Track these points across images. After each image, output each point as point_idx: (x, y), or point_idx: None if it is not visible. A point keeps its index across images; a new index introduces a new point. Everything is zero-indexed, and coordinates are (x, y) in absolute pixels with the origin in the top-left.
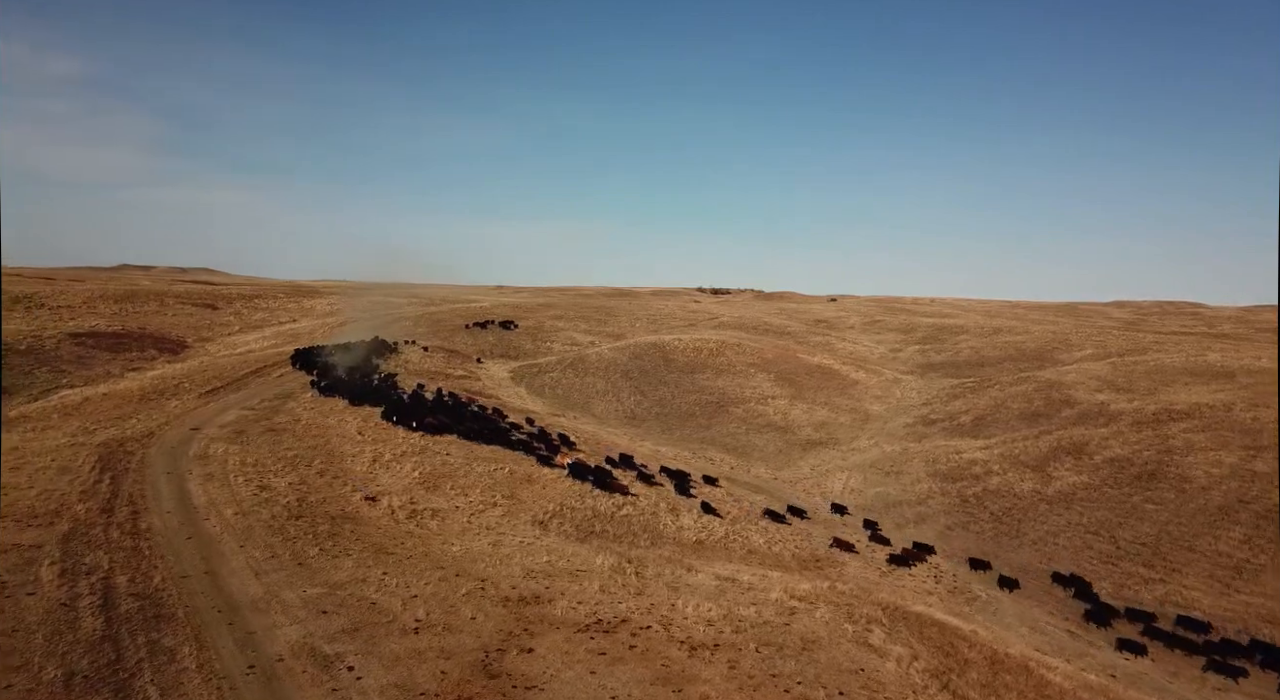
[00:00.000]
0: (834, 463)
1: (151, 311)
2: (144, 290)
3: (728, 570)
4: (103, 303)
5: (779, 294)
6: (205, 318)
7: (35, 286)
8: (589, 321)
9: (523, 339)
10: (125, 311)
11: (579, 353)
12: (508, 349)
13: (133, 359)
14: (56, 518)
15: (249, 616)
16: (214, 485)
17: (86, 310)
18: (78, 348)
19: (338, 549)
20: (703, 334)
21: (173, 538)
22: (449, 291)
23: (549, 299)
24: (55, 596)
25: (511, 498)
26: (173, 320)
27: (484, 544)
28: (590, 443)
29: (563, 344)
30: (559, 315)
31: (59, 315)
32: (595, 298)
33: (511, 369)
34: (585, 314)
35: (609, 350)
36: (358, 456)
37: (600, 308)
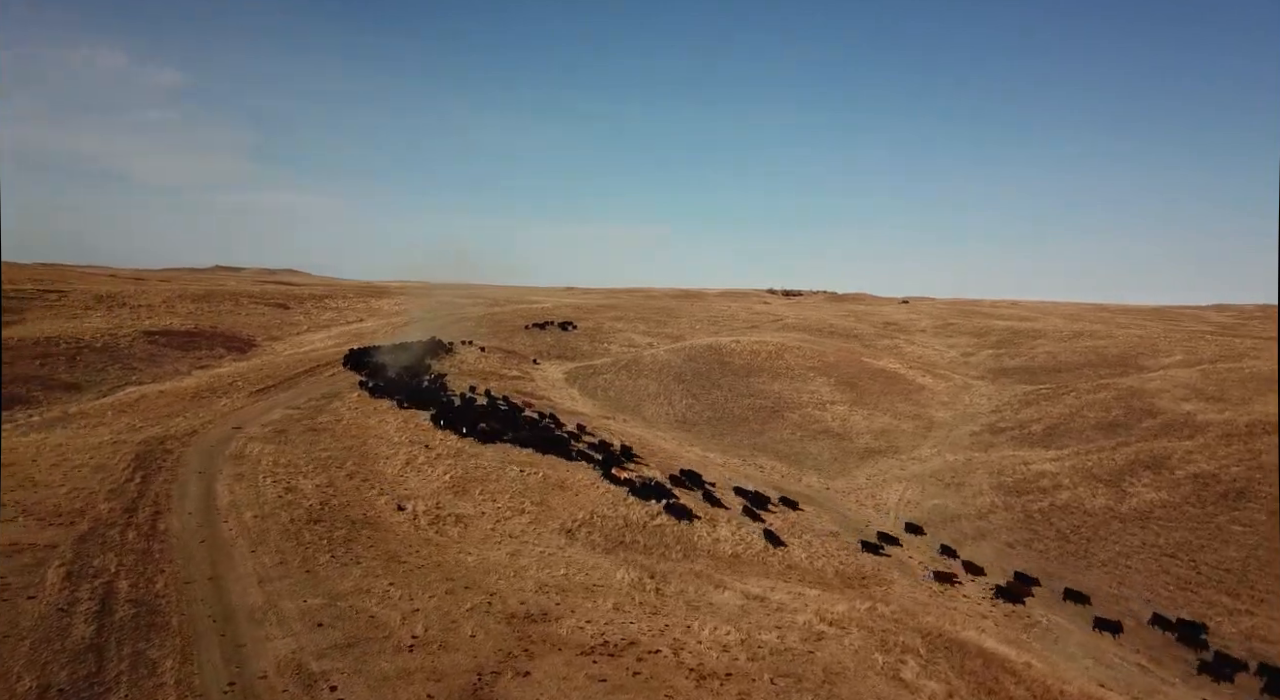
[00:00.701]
0: (892, 472)
1: (226, 311)
2: (220, 290)
3: (760, 588)
4: (180, 302)
5: (852, 296)
6: (276, 317)
7: (122, 286)
8: (648, 323)
9: (580, 340)
10: (201, 311)
11: (635, 354)
12: (565, 350)
13: (201, 357)
14: (79, 517)
15: (243, 627)
16: (241, 486)
17: (165, 309)
18: (150, 346)
19: (349, 556)
20: (763, 336)
21: (187, 540)
22: (514, 292)
23: (612, 300)
24: (54, 601)
25: (541, 504)
26: (245, 320)
27: (502, 554)
28: (650, 452)
29: (620, 345)
30: (619, 316)
31: (138, 314)
32: (661, 299)
33: (566, 370)
34: (646, 315)
35: (664, 352)
36: (391, 459)
37: (661, 309)
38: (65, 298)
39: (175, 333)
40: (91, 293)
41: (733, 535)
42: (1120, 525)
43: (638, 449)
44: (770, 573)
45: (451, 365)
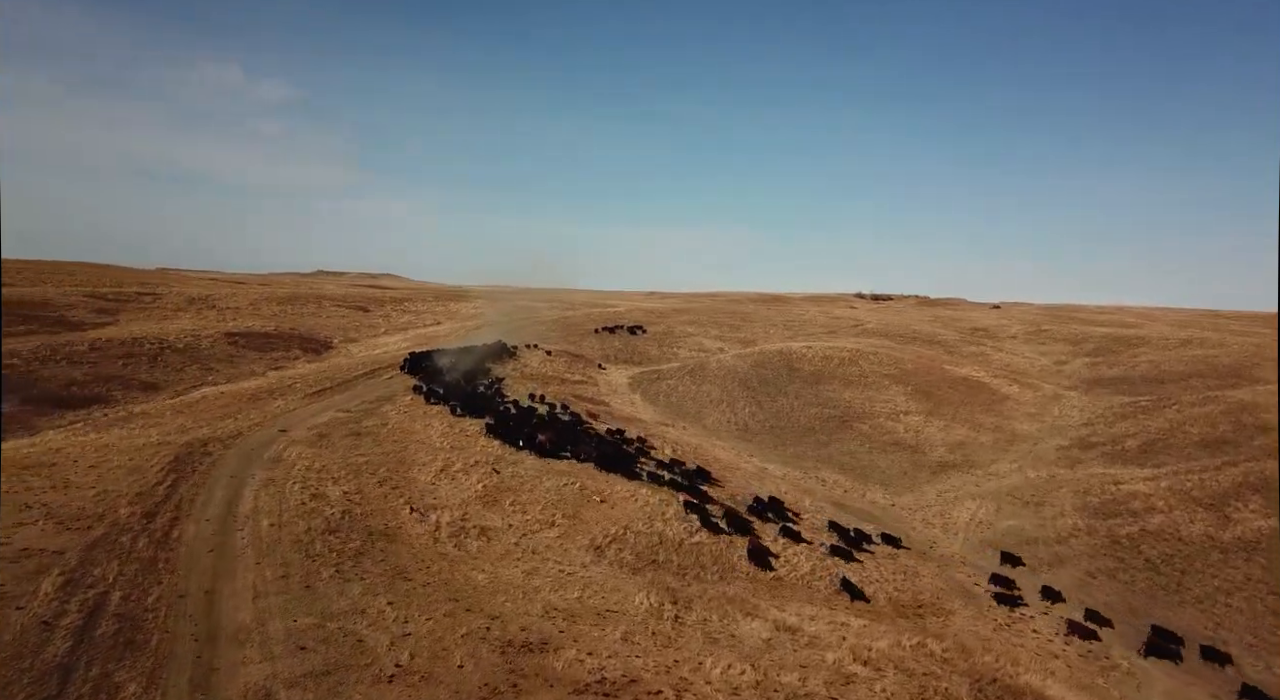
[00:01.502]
0: (965, 489)
1: (308, 313)
2: (304, 294)
3: (797, 616)
4: (266, 305)
5: (944, 301)
6: (355, 320)
7: (214, 289)
8: (721, 327)
9: (649, 344)
10: (284, 313)
11: (701, 360)
12: (632, 354)
13: (277, 358)
14: (97, 522)
15: (223, 649)
16: (268, 492)
17: (250, 311)
18: (230, 347)
19: (355, 571)
20: (840, 341)
21: (197, 549)
22: (591, 296)
23: (690, 304)
24: (41, 612)
25: (573, 517)
26: (325, 322)
27: (517, 572)
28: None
29: (689, 350)
30: (691, 320)
31: (224, 315)
32: (743, 303)
33: (632, 375)
34: (719, 319)
35: (731, 358)
36: (427, 466)
37: (736, 313)
38: (159, 300)
39: (255, 334)
40: (184, 295)
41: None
42: (1221, 556)
43: (689, 456)
44: (814, 598)
45: (514, 369)
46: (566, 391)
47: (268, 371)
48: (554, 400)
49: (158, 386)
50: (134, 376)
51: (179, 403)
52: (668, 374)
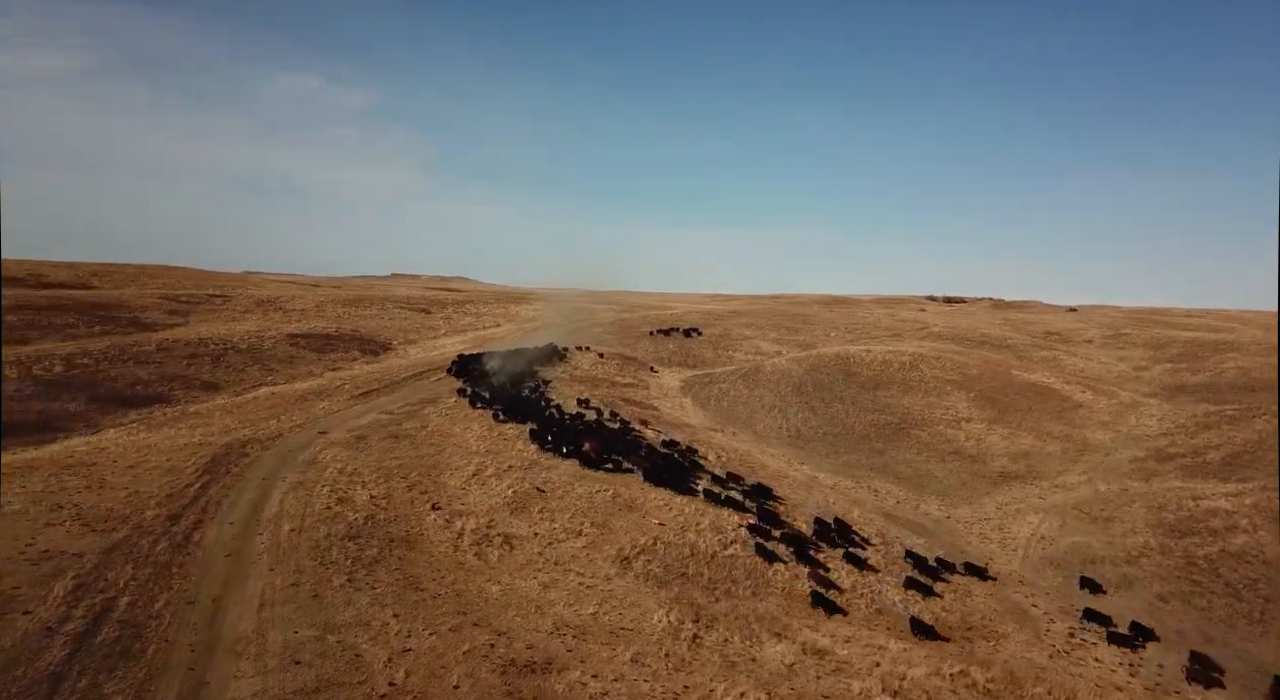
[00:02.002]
0: (1028, 501)
1: (371, 315)
2: (368, 296)
3: (829, 638)
4: (330, 307)
5: (1019, 303)
6: (416, 322)
7: (281, 291)
8: (779, 330)
9: (704, 347)
10: (347, 315)
11: (756, 363)
12: (686, 357)
13: (335, 359)
14: (122, 524)
15: (218, 661)
16: (295, 495)
17: (315, 313)
18: (291, 348)
19: (368, 580)
20: (902, 345)
21: (213, 554)
22: (649, 298)
23: (751, 306)
24: (46, 617)
25: (602, 526)
26: (386, 324)
27: (534, 584)
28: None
29: (745, 353)
30: (749, 323)
31: (289, 317)
32: (806, 306)
33: (684, 378)
34: (778, 322)
35: (786, 361)
36: (460, 470)
37: (796, 315)
38: (229, 302)
39: (316, 335)
40: (253, 297)
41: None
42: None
43: (736, 463)
44: (853, 619)
45: (564, 371)
46: (616, 394)
47: (325, 372)
48: (601, 404)
49: (218, 386)
50: (196, 376)
51: (230, 403)
52: (721, 378)
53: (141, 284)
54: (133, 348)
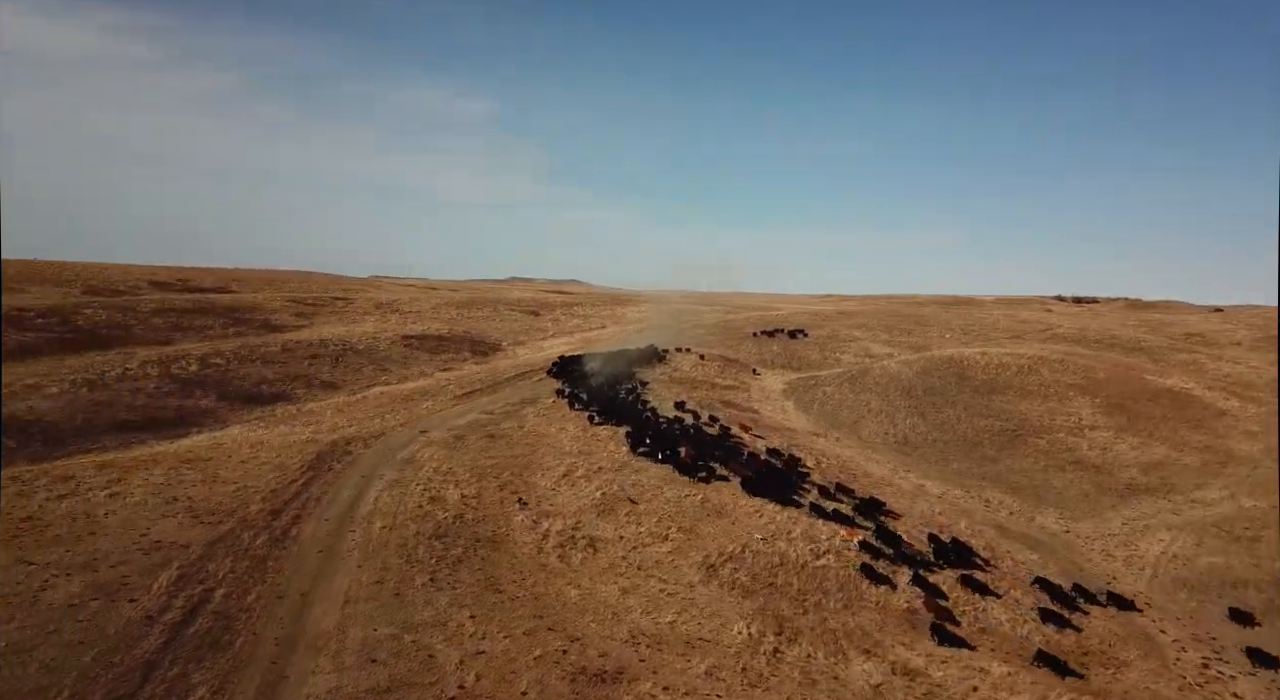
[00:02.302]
0: (1160, 517)
1: (483, 317)
2: (481, 299)
3: (923, 658)
4: (445, 309)
5: (1155, 303)
6: (525, 323)
7: (400, 294)
8: (891, 331)
9: (810, 349)
10: (461, 317)
11: (864, 366)
12: (791, 359)
13: (446, 360)
14: (228, 517)
15: (299, 656)
16: (390, 493)
17: (430, 315)
18: (406, 349)
19: (450, 580)
20: (1022, 348)
21: (307, 549)
22: (756, 300)
23: (864, 306)
24: (148, 607)
25: (689, 531)
26: (497, 325)
27: (613, 589)
28: (851, 475)
29: (853, 355)
30: (859, 324)
31: (406, 319)
32: (924, 306)
33: (788, 381)
34: (890, 323)
35: (895, 364)
36: (551, 470)
37: (909, 316)
38: (350, 305)
39: (429, 337)
40: (373, 300)
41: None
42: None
43: (836, 469)
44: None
45: (663, 373)
46: (715, 397)
47: (436, 372)
48: (699, 407)
49: (336, 385)
50: (316, 376)
51: (343, 402)
52: (825, 380)
53: (276, 288)
54: (260, 348)
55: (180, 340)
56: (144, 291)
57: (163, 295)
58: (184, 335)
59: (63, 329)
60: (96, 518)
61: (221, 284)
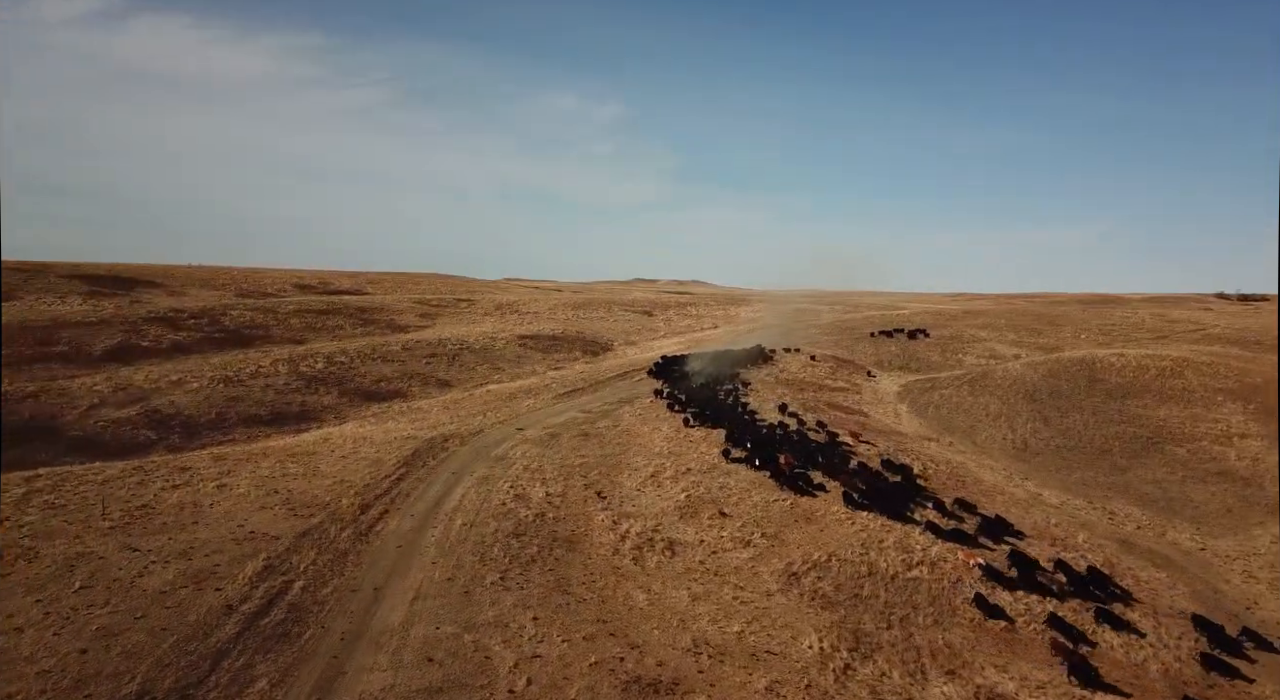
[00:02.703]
0: None
1: (597, 318)
2: (597, 299)
3: (1016, 682)
4: (562, 310)
5: None
6: (638, 323)
7: (523, 295)
8: (1020, 331)
9: (930, 349)
10: (576, 317)
11: (986, 368)
12: (909, 360)
13: (559, 359)
14: (320, 510)
15: (360, 652)
16: (477, 489)
17: (547, 316)
18: (520, 348)
19: (520, 579)
20: (1168, 349)
21: (388, 544)
22: (880, 299)
23: (991, 306)
24: (230, 595)
25: (774, 537)
26: (610, 325)
27: (683, 595)
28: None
29: (976, 356)
30: (986, 324)
31: (524, 319)
32: (1064, 305)
33: (903, 383)
34: (1020, 322)
35: (1020, 366)
36: (639, 471)
37: (1043, 316)
38: (472, 306)
39: (543, 336)
40: (494, 301)
41: (1013, 600)
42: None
43: (948, 477)
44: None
45: (769, 373)
46: (823, 399)
47: (547, 371)
48: (802, 409)
49: (450, 383)
50: (433, 374)
51: (450, 399)
52: (943, 383)
53: (407, 290)
54: (382, 347)
55: (313, 339)
56: (289, 294)
57: (302, 297)
58: (316, 335)
59: (211, 329)
60: (202, 507)
61: (358, 286)
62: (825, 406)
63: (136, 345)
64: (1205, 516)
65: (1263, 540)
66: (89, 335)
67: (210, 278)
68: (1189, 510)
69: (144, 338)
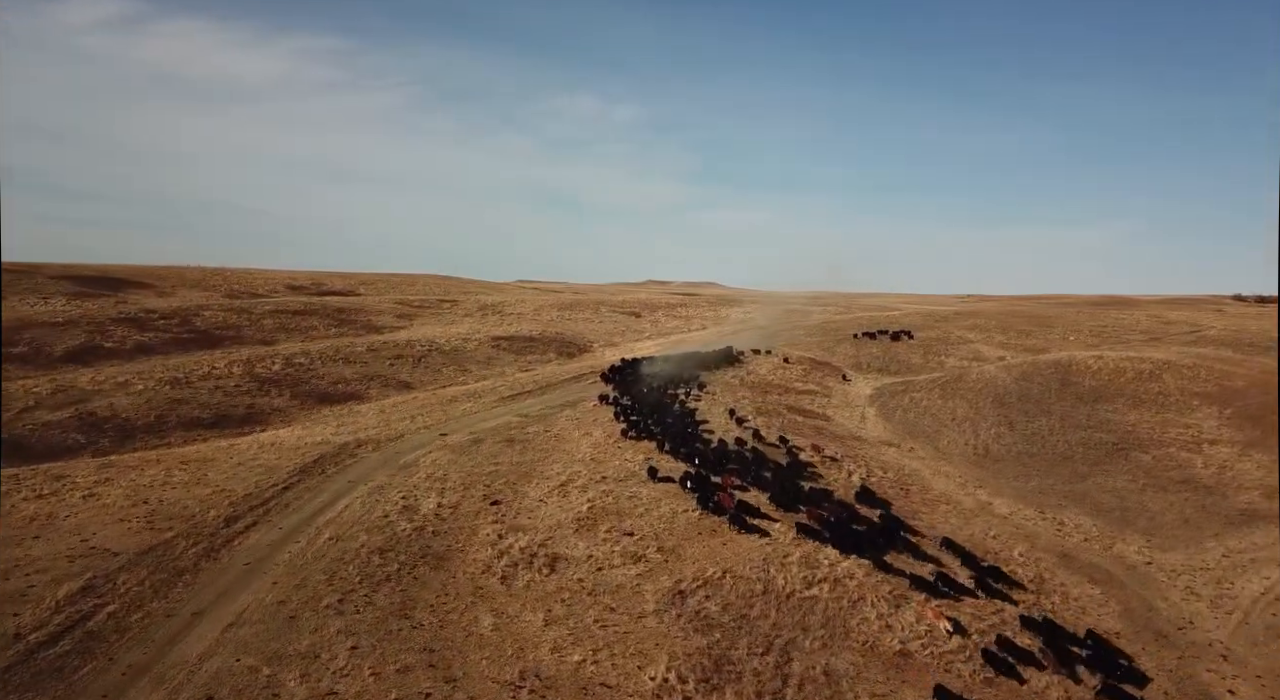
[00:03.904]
0: (1271, 550)
1: (582, 319)
2: (584, 300)
3: None
4: (547, 310)
5: None
6: (625, 325)
7: (507, 296)
8: (1009, 333)
9: (913, 351)
10: (560, 318)
11: (962, 370)
12: (889, 362)
13: (529, 361)
14: (183, 522)
15: (138, 688)
16: (365, 500)
17: (531, 317)
18: (493, 350)
19: (360, 602)
20: (1154, 351)
21: (236, 561)
22: (880, 300)
23: (988, 307)
24: (26, 622)
25: (671, 551)
26: (594, 327)
27: (539, 618)
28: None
29: (958, 359)
30: (975, 325)
31: (505, 320)
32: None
33: (877, 386)
34: (1011, 324)
35: (995, 368)
36: (550, 479)
37: (1036, 317)
38: (454, 306)
39: (520, 338)
40: (479, 302)
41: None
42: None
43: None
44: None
45: (735, 376)
46: (785, 403)
47: (516, 373)
48: (752, 415)
49: (412, 385)
50: (395, 376)
51: (394, 402)
52: (917, 386)
53: (400, 291)
54: (347, 349)
55: (284, 340)
56: (280, 294)
57: (280, 298)
58: (288, 335)
59: (181, 329)
60: (56, 519)
61: (350, 287)
62: (785, 410)
63: (99, 346)
64: (1160, 528)
65: (1214, 554)
66: (52, 336)
67: (202, 279)
68: (1144, 520)
69: (108, 339)
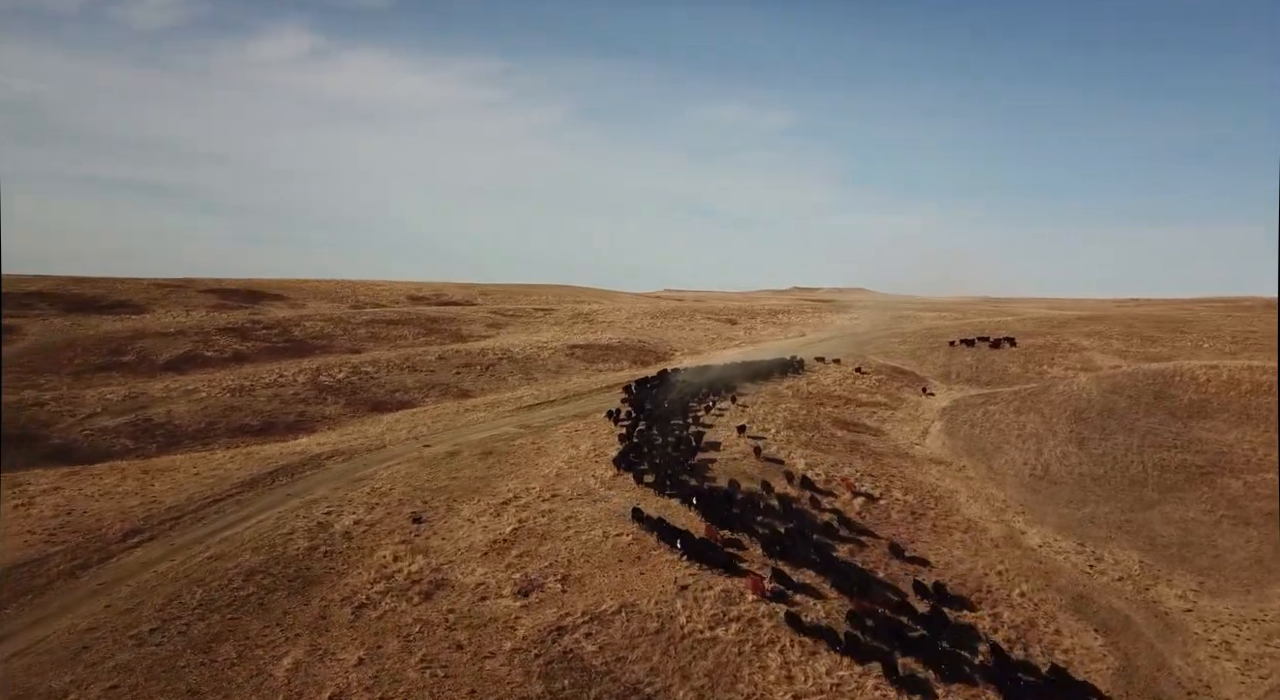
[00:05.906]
0: None
1: (672, 327)
2: (681, 307)
3: None
4: (638, 319)
5: None
6: (715, 332)
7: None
8: (1133, 339)
9: (1011, 360)
10: (648, 326)
11: (1050, 382)
12: (982, 372)
13: (602, 369)
14: (81, 536)
15: None
16: (282, 516)
17: (621, 325)
18: (566, 358)
19: (172, 633)
20: None
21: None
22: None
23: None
24: None
25: (576, 581)
26: (681, 335)
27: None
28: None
29: (1063, 368)
30: (1093, 331)
31: (592, 328)
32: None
33: (956, 399)
34: (1138, 329)
35: (1085, 379)
36: (496, 496)
37: (1170, 321)
38: (547, 315)
39: (597, 346)
40: (573, 311)
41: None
42: None
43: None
44: None
45: (788, 386)
46: (837, 415)
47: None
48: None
49: (470, 393)
50: (456, 384)
51: (415, 413)
52: (1000, 398)
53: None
54: (416, 357)
55: (372, 349)
56: (401, 305)
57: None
58: (377, 344)
59: (279, 339)
60: None
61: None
62: (829, 423)
63: (200, 355)
64: (1222, 568)
65: (1272, 606)
66: (161, 346)
67: (333, 291)
68: (1205, 559)
69: (210, 347)
